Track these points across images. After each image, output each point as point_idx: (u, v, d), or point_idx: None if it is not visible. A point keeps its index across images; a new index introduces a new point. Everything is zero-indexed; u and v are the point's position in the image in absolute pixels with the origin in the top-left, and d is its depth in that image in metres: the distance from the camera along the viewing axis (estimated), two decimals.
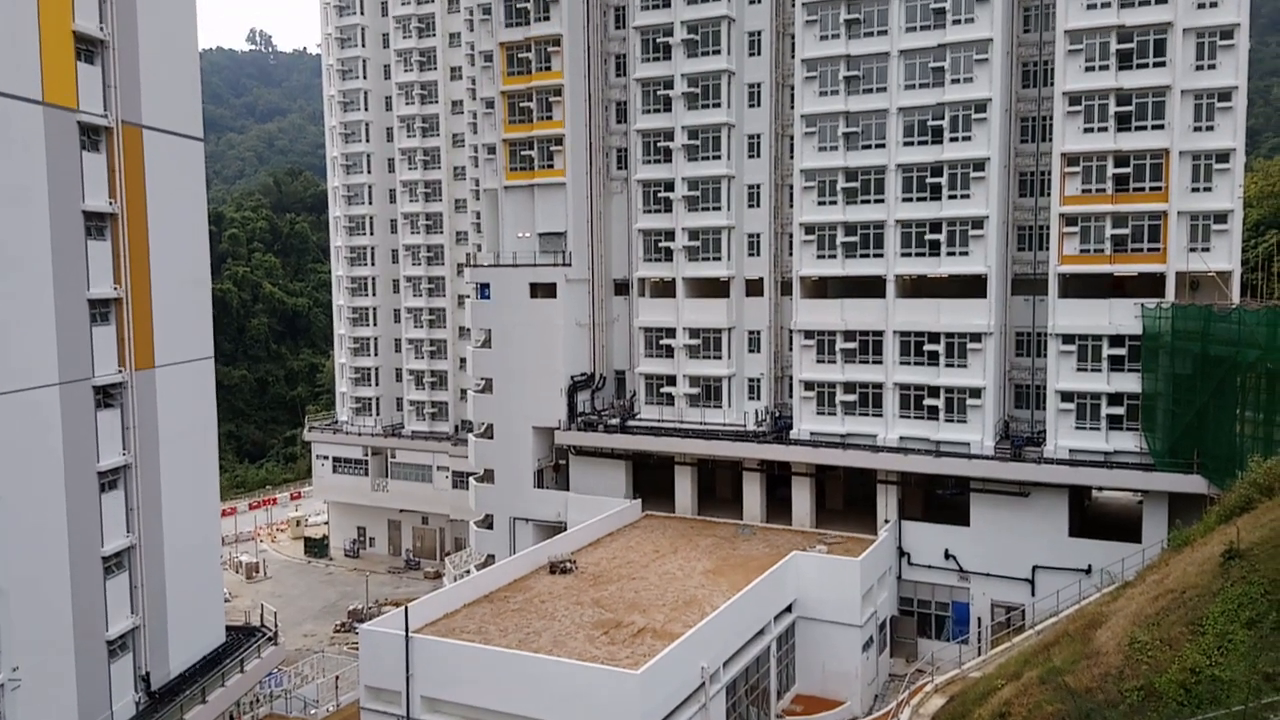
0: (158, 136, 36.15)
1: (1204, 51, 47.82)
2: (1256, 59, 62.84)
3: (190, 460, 41.18)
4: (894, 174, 53.77)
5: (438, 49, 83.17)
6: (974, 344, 52.17)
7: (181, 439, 40.22)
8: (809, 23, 55.04)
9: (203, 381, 42.13)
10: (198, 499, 42.38)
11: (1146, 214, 48.87)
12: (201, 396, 42.24)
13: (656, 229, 60.78)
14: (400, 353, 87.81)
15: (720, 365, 59.48)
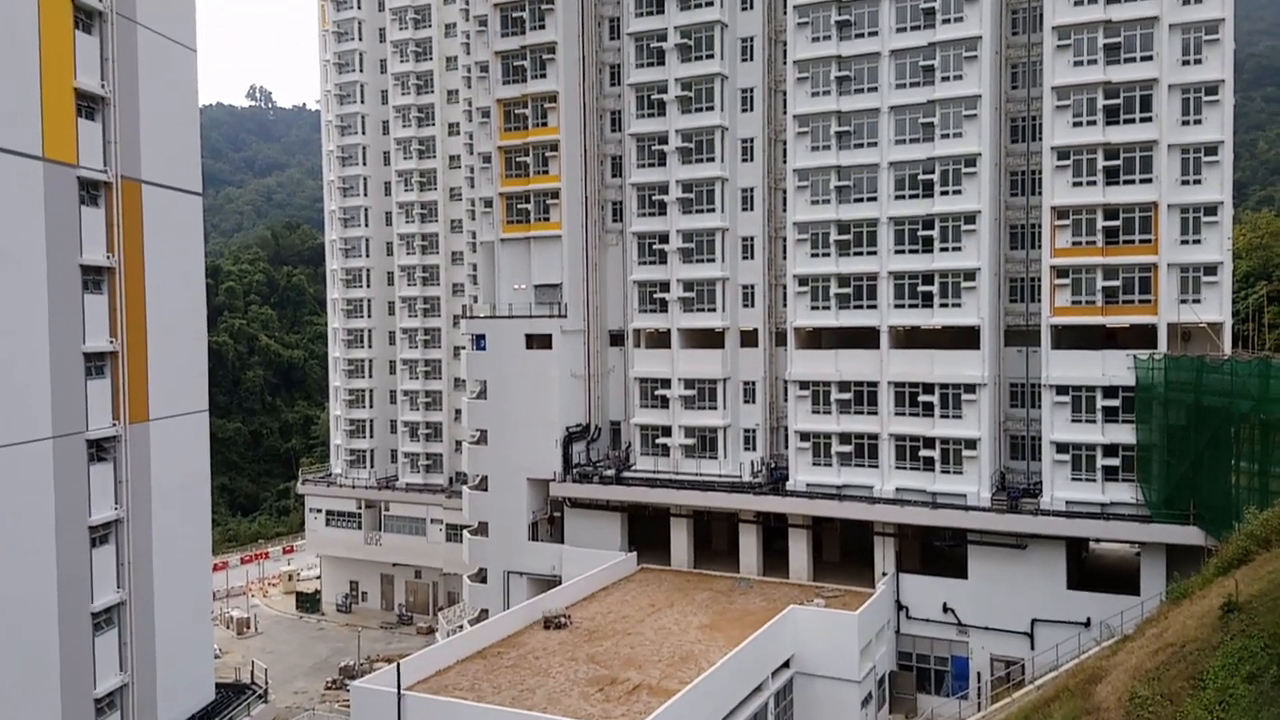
0: (157, 191, 36.46)
1: (1190, 107, 48.66)
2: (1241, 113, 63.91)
3: (183, 514, 40.89)
4: (886, 226, 54.30)
5: (436, 105, 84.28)
6: (968, 395, 52.27)
7: (174, 493, 39.99)
8: (800, 79, 55.94)
9: (197, 435, 41.99)
10: (189, 554, 41.99)
11: (1137, 266, 49.32)
12: (195, 450, 42.07)
13: (651, 280, 61.16)
14: (395, 404, 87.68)
15: (715, 416, 59.47)
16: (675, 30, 59.02)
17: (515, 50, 62.43)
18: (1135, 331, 49.95)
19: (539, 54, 61.68)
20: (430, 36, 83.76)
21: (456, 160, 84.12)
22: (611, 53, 63.34)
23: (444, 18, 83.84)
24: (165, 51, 36.33)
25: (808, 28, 55.90)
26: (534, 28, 61.81)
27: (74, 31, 32.38)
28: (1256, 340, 59.47)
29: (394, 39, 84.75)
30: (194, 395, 41.36)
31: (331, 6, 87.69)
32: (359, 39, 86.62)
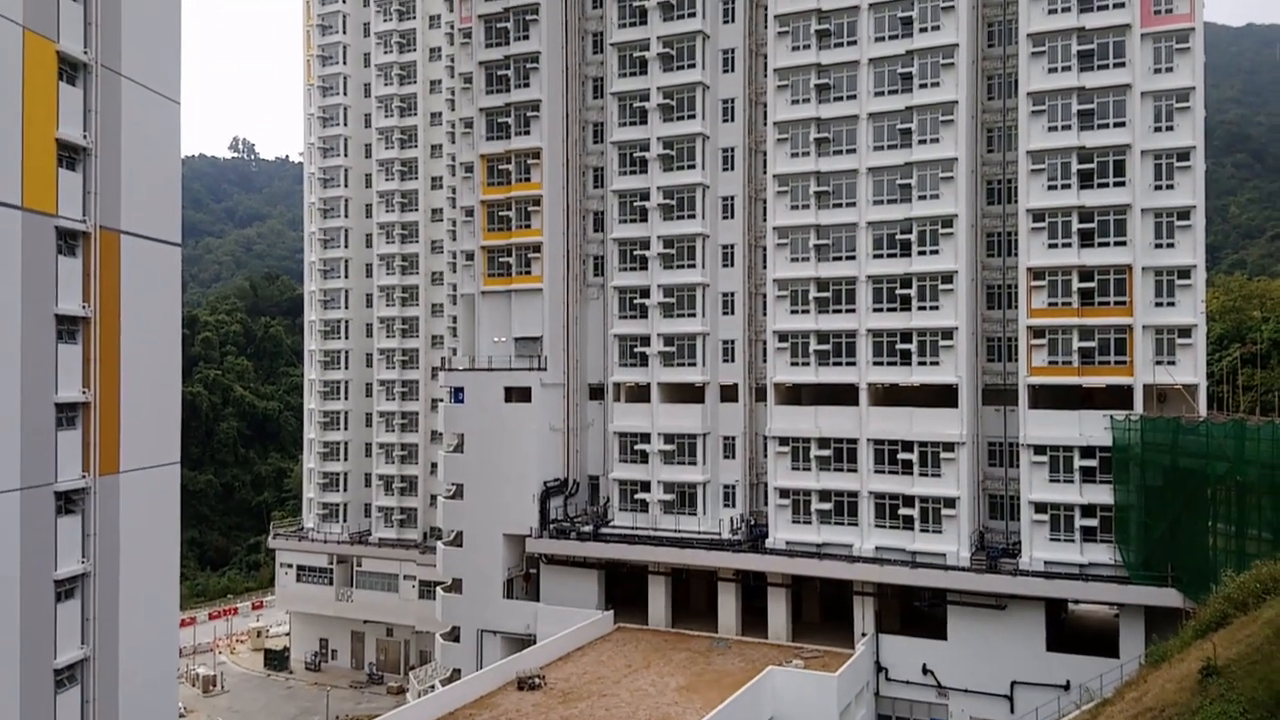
0: (135, 242, 36.24)
1: (1162, 172, 49.64)
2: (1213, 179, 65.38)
3: (151, 569, 39.97)
4: (864, 285, 54.74)
5: (419, 159, 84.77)
6: (947, 453, 52.32)
7: (143, 547, 39.12)
8: (780, 140, 56.76)
9: (168, 487, 41.22)
10: (156, 610, 40.99)
11: (1112, 328, 49.84)
12: (166, 503, 41.27)
13: (632, 334, 61.22)
14: (370, 457, 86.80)
15: (695, 471, 59.18)
16: (658, 91, 59.89)
17: (500, 107, 63.05)
18: (1112, 392, 50.32)
19: (523, 110, 62.33)
20: (415, 93, 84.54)
21: (439, 214, 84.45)
22: (595, 110, 64.10)
23: (429, 74, 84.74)
24: (149, 103, 36.40)
25: (787, 90, 56.84)
26: (519, 86, 62.51)
27: (58, 83, 32.37)
28: (1231, 402, 60.13)
29: (379, 94, 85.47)
30: (166, 447, 40.70)
31: (317, 62, 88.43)
32: (344, 93, 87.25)
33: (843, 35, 55.88)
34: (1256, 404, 61.63)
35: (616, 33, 61.47)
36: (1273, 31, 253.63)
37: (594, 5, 64.37)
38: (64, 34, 32.31)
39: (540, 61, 61.76)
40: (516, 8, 62.22)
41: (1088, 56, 50.68)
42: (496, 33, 63.39)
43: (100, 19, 33.89)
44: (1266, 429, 38.37)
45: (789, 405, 56.79)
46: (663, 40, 59.80)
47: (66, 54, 32.42)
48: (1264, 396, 62.45)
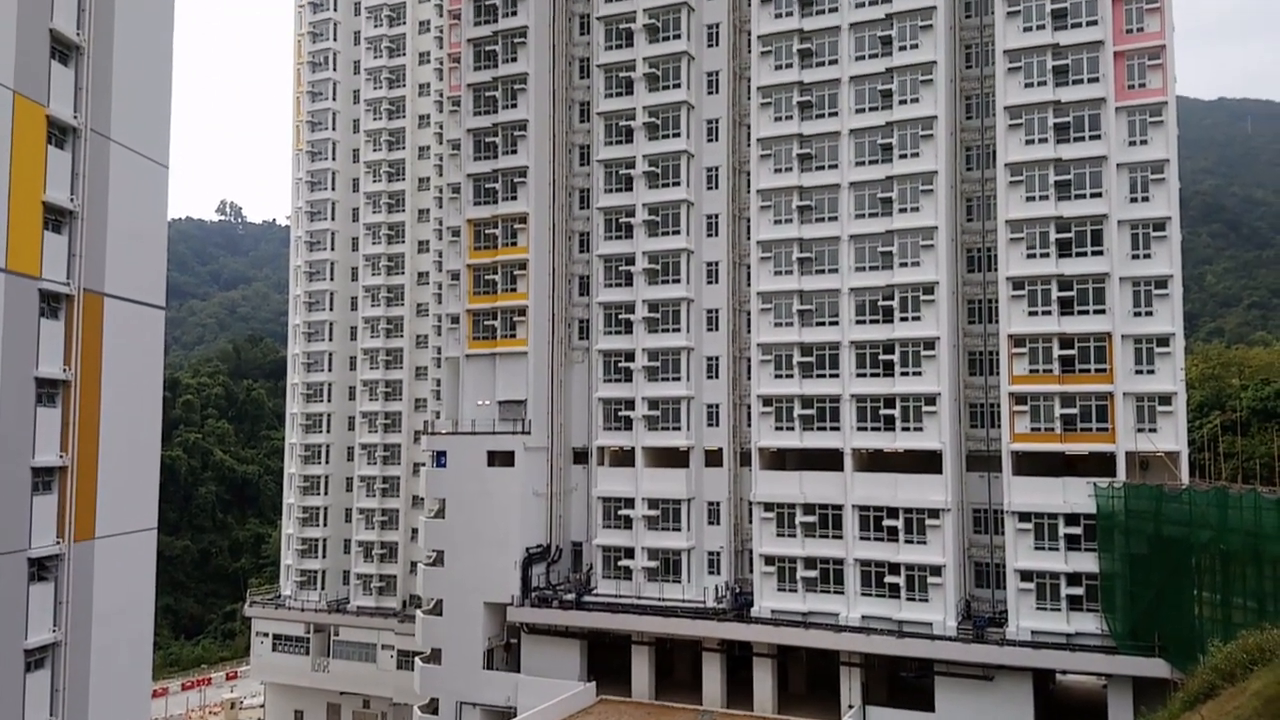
0: (119, 304, 36.12)
1: (1139, 241, 50.45)
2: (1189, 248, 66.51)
3: (124, 639, 39.05)
4: (848, 350, 55.05)
5: (406, 223, 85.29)
6: (932, 520, 52.13)
7: (116, 615, 38.27)
8: (763, 208, 57.54)
9: (144, 554, 40.49)
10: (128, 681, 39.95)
11: (1093, 395, 50.15)
12: (141, 570, 40.50)
13: (616, 398, 61.15)
14: (350, 523, 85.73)
15: (679, 537, 58.68)
16: (644, 159, 60.73)
17: (487, 173, 63.75)
18: (1094, 459, 50.43)
19: (511, 176, 63.04)
20: (404, 158, 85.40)
21: (424, 277, 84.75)
22: (581, 177, 64.88)
23: (418, 140, 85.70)
24: (137, 167, 36.60)
25: (770, 159, 57.76)
26: (506, 152, 63.31)
27: (47, 147, 32.55)
28: (1213, 469, 60.31)
29: (367, 159, 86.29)
30: (143, 512, 40.08)
31: (306, 128, 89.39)
32: (332, 158, 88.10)
33: (824, 107, 56.99)
34: (1238, 472, 61.86)
35: (603, 103, 62.57)
36: (1243, 105, 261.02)
37: (581, 75, 65.55)
38: (54, 98, 32.58)
39: (528, 129, 62.65)
40: (505, 77, 63.30)
41: (1064, 129, 51.81)
42: (485, 101, 64.38)
43: (91, 84, 34.21)
44: (1249, 497, 38.45)
45: (774, 470, 56.62)
46: (649, 124, 60.85)
47: (56, 118, 32.64)
48: (1245, 464, 62.73)
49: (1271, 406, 73.68)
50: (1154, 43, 50.69)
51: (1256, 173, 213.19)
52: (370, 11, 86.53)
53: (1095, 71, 51.49)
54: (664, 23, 61.12)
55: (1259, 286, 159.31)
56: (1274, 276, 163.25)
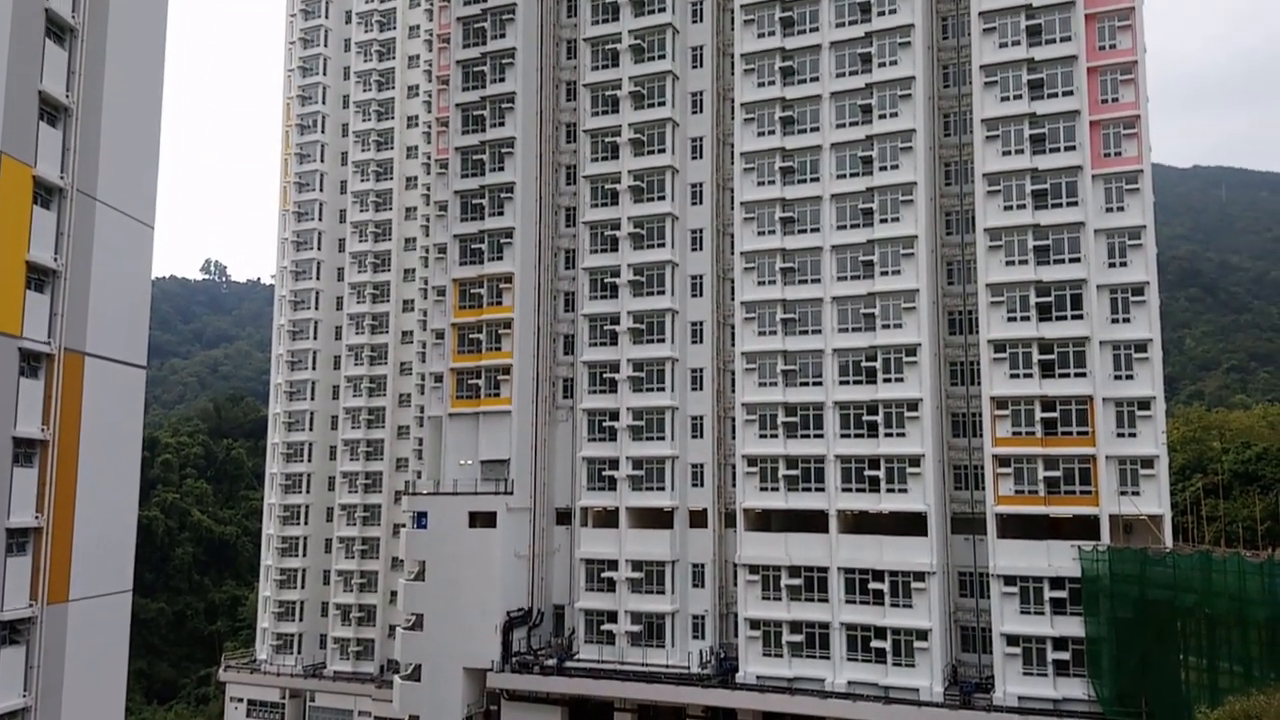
0: (100, 364, 35.90)
1: (1118, 306, 51.07)
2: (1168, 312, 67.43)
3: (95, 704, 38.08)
4: (832, 410, 55.16)
5: (391, 283, 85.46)
6: (918, 583, 51.80)
7: (88, 680, 37.36)
8: (747, 269, 58.07)
9: (118, 617, 39.68)
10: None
11: (1076, 457, 50.30)
12: (115, 633, 39.65)
13: (601, 457, 60.89)
14: (329, 585, 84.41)
15: (663, 601, 58.02)
16: (629, 220, 61.35)
17: (474, 233, 64.18)
18: (1078, 522, 50.39)
19: (497, 237, 63.50)
20: (390, 219, 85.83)
21: (409, 336, 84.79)
22: (567, 238, 65.39)
23: (405, 202, 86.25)
24: (123, 228, 36.68)
25: (753, 222, 58.45)
26: (493, 214, 63.85)
27: (32, 207, 32.63)
28: (1196, 533, 60.33)
29: (354, 220, 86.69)
30: (119, 574, 39.37)
31: (294, 188, 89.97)
32: (319, 219, 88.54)
33: (806, 172, 57.89)
34: (1221, 535, 61.92)
35: (589, 166, 63.40)
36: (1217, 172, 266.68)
37: (567, 140, 66.42)
38: (42, 159, 32.73)
39: (515, 191, 63.28)
40: (493, 141, 64.11)
41: (1041, 195, 52.73)
42: (473, 164, 65.07)
43: (79, 144, 34.42)
44: (1232, 560, 38.45)
45: (759, 532, 56.29)
46: (634, 188, 61.67)
47: (43, 179, 32.77)
48: (1228, 527, 62.81)
49: (1253, 469, 74.06)
50: (1129, 112, 51.90)
51: (1232, 239, 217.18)
52: (359, 76, 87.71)
53: (1071, 140, 52.59)
54: (649, 90, 62.19)
55: (1237, 350, 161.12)
56: (1252, 340, 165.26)
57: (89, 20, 35.17)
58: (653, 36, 62.29)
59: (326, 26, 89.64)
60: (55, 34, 33.87)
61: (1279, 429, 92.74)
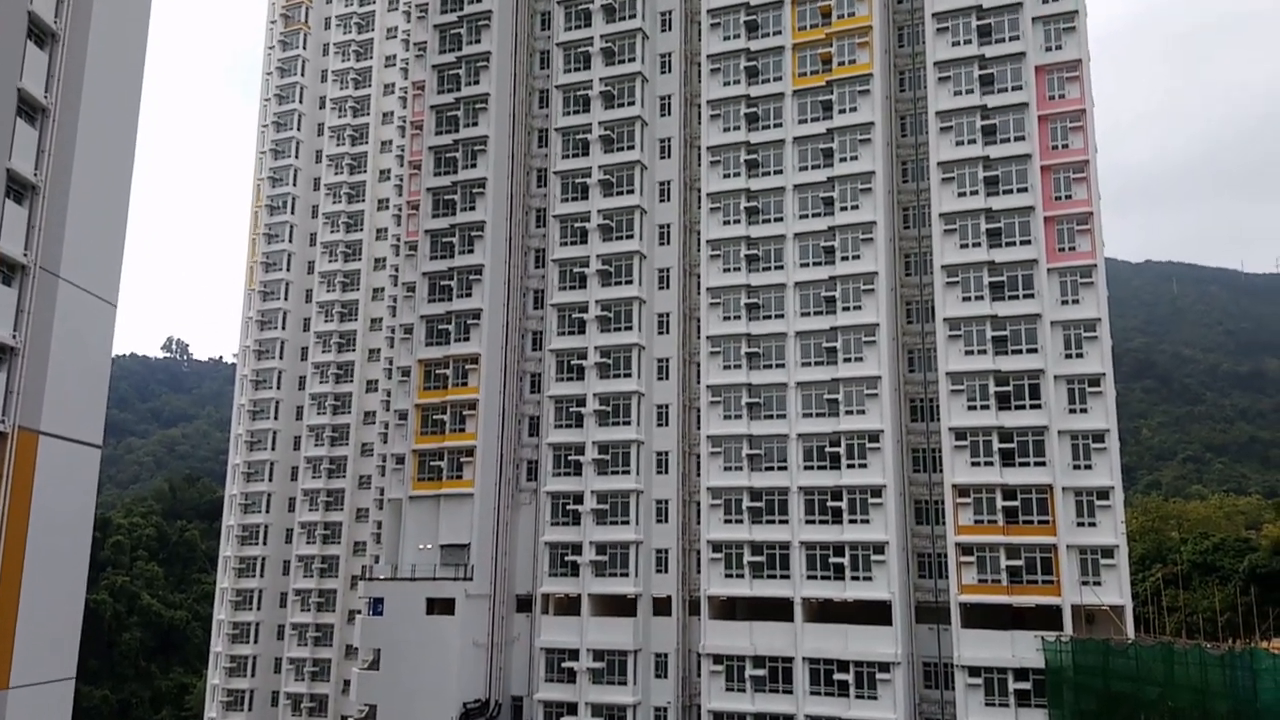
0: (54, 443, 35.14)
1: (1075, 396, 51.94)
2: (1124, 402, 68.58)
3: None
4: (796, 495, 55.15)
5: (356, 363, 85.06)
6: (883, 674, 51.23)
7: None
8: (713, 353, 58.55)
9: (59, 706, 38.04)
10: None
11: (1038, 546, 50.53)
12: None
13: (563, 542, 60.19)
14: (279, 673, 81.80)
15: (625, 692, 56.81)
16: (596, 304, 61.85)
17: (441, 315, 64.30)
18: (1041, 612, 50.33)
19: (464, 318, 63.61)
20: (357, 299, 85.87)
21: (371, 416, 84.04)
22: (535, 320, 65.67)
23: (372, 283, 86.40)
24: (85, 305, 36.33)
25: (719, 307, 59.20)
26: (461, 295, 64.05)
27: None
28: (1157, 624, 60.45)
29: (320, 300, 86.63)
30: (62, 661, 37.92)
31: (260, 268, 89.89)
32: (284, 298, 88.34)
33: (770, 261, 58.94)
34: (1182, 626, 62.06)
35: (557, 250, 64.14)
36: (1169, 267, 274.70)
37: (537, 224, 67.23)
38: (6, 236, 32.52)
39: (484, 273, 63.66)
40: (462, 225, 64.70)
41: (999, 287, 53.97)
42: (442, 246, 65.53)
43: (44, 222, 34.26)
44: (1194, 652, 38.49)
45: (723, 620, 55.59)
46: (602, 272, 62.41)
47: (5, 256, 32.50)
48: (1189, 618, 63.02)
49: (1211, 560, 74.66)
50: (1082, 209, 53.61)
51: (1184, 332, 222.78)
52: (331, 160, 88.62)
53: (1027, 234, 54.11)
54: (618, 178, 63.42)
55: (1193, 441, 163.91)
56: (1207, 431, 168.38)
57: (62, 98, 35.44)
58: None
59: (300, 111, 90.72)
60: (27, 113, 34.06)
61: (1235, 520, 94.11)
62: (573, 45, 65.98)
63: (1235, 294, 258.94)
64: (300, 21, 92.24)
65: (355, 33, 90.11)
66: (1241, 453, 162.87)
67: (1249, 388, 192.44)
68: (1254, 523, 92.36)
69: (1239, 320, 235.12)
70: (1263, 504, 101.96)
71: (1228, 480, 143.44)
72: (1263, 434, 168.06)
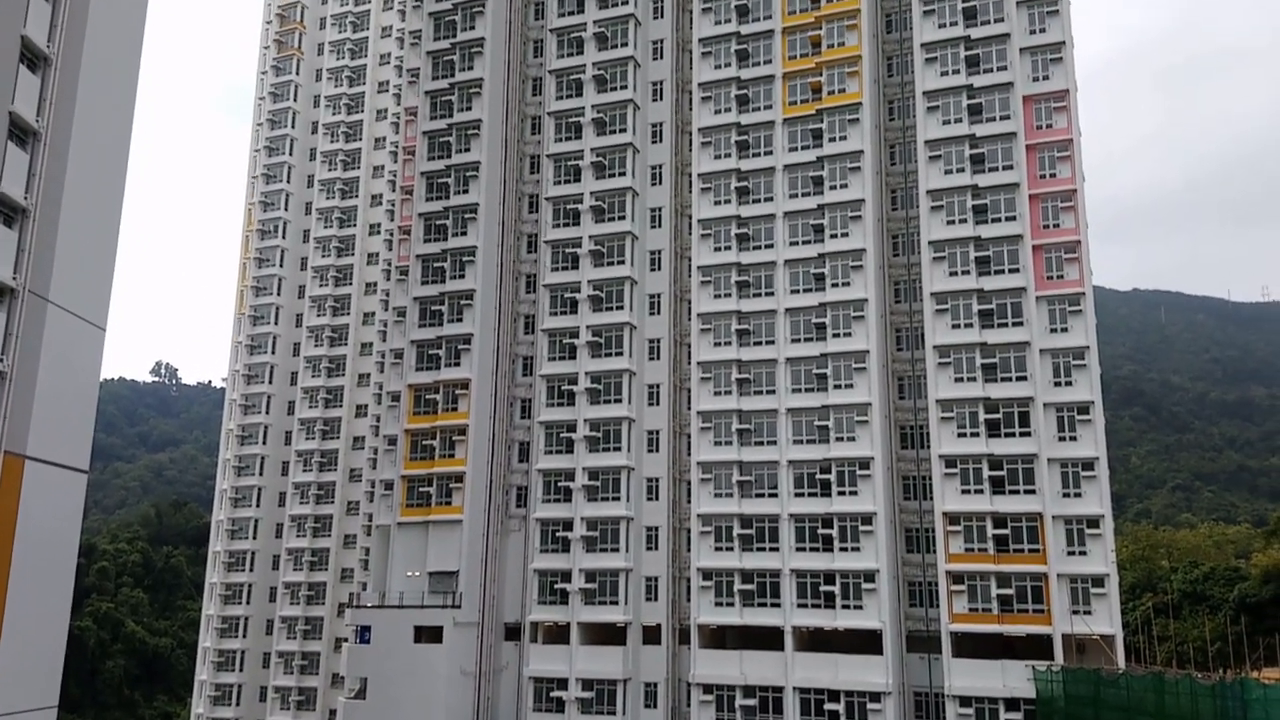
0: (40, 467, 34.82)
1: (1065, 424, 52.06)
2: (1113, 430, 68.73)
3: None
4: (787, 523, 55.03)
5: (345, 388, 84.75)
6: (874, 704, 50.91)
7: None
8: (704, 379, 58.51)
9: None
10: None
11: (1028, 575, 50.44)
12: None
13: (553, 570, 59.82)
14: (264, 702, 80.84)
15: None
16: (587, 329, 61.87)
17: (432, 339, 64.18)
18: (1032, 641, 50.18)
19: (455, 344, 63.51)
20: (347, 324, 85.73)
21: (360, 441, 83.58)
22: (526, 345, 65.63)
23: (363, 307, 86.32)
24: (73, 330, 36.12)
25: (710, 333, 59.22)
26: (452, 320, 63.96)
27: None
28: (1148, 653, 60.26)
29: (311, 324, 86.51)
30: (44, 690, 37.40)
31: (251, 292, 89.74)
32: (274, 323, 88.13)
33: (761, 287, 59.15)
34: (1173, 655, 61.87)
35: (549, 275, 64.21)
36: (1156, 296, 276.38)
37: (529, 250, 67.31)
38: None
39: (475, 299, 63.62)
40: (454, 249, 64.74)
41: (988, 315, 54.20)
42: (434, 271, 65.55)
43: (34, 246, 34.15)
44: (1184, 682, 38.38)
45: (713, 649, 55.23)
46: (593, 297, 62.52)
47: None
48: (1179, 648, 62.82)
49: (1201, 589, 74.57)
50: (1069, 238, 53.97)
51: (1172, 360, 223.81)
52: (323, 185, 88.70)
53: (1016, 263, 54.43)
54: (609, 205, 63.65)
55: (1181, 469, 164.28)
56: (1195, 459, 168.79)
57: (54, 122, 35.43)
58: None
59: (292, 136, 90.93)
60: (18, 136, 34.03)
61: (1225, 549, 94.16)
62: (565, 72, 66.38)
63: (1222, 322, 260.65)
64: (293, 47, 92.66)
65: (348, 58, 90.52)
66: (1230, 481, 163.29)
67: (1236, 416, 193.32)
68: (1243, 551, 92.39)
69: (1226, 348, 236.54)
70: (1252, 533, 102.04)
71: (1217, 509, 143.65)
72: (1251, 462, 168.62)
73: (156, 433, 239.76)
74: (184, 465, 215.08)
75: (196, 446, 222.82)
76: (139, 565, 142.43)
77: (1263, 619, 65.82)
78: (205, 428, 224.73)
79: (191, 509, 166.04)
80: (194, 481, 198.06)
